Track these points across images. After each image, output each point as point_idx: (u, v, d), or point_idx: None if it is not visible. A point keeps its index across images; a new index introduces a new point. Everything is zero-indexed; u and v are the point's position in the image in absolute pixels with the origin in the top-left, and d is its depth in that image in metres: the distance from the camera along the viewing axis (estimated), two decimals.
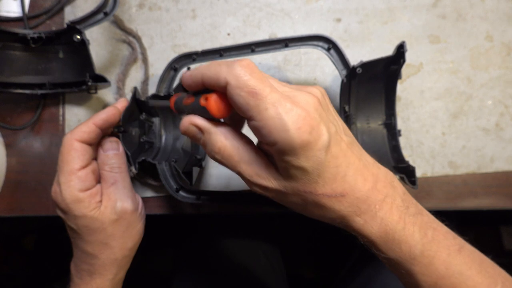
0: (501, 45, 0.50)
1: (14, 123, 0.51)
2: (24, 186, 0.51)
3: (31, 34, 0.45)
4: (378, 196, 0.29)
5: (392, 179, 0.31)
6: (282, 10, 0.51)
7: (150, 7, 0.52)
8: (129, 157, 0.43)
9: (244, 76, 0.26)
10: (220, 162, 0.31)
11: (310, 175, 0.27)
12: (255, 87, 0.26)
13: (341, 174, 0.28)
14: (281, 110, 0.26)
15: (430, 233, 0.30)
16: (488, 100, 0.50)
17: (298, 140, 0.26)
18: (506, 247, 1.11)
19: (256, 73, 0.27)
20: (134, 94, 0.45)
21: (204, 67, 0.29)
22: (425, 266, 0.30)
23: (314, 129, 0.26)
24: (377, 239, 0.29)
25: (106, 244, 0.41)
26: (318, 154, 0.27)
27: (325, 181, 0.28)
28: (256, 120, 0.26)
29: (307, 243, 1.15)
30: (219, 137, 0.30)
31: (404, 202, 0.30)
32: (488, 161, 0.49)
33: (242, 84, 0.26)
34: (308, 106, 0.27)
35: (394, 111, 0.45)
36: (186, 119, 0.31)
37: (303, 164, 0.27)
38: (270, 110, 0.26)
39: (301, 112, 0.26)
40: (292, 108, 0.26)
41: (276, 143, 0.26)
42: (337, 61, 0.44)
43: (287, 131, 0.25)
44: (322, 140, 0.26)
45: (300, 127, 0.26)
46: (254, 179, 0.30)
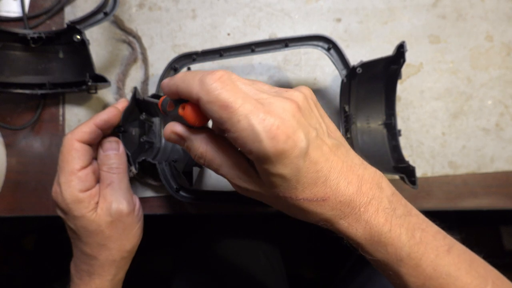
0: (501, 45, 0.50)
1: (14, 123, 0.51)
2: (24, 186, 0.51)
3: (31, 34, 0.45)
4: (362, 199, 0.29)
5: (379, 180, 0.31)
6: (282, 10, 0.51)
7: (150, 7, 0.52)
8: (129, 157, 0.43)
9: (215, 91, 0.26)
10: (205, 166, 0.32)
11: (289, 182, 0.28)
12: (226, 101, 0.26)
13: (322, 178, 0.28)
14: (254, 121, 0.26)
15: (418, 234, 0.30)
16: (488, 100, 0.50)
17: (272, 150, 0.26)
18: (506, 247, 1.11)
19: (228, 85, 0.27)
20: (134, 94, 0.45)
21: (179, 78, 0.29)
22: (412, 268, 0.30)
23: (289, 138, 0.26)
24: (363, 241, 0.30)
25: (104, 246, 0.41)
26: (296, 161, 0.27)
27: (305, 186, 0.28)
28: (231, 132, 0.27)
29: (307, 243, 1.15)
30: (199, 143, 0.31)
31: (391, 203, 0.30)
32: (488, 161, 0.49)
33: (213, 99, 0.26)
34: (285, 114, 0.27)
35: (394, 111, 0.45)
36: (167, 127, 0.32)
37: (280, 171, 0.27)
38: (242, 122, 0.26)
39: (275, 121, 0.26)
40: (265, 118, 0.26)
41: (252, 152, 0.26)
42: (337, 61, 0.44)
43: (260, 141, 0.25)
44: (299, 147, 0.26)
45: (273, 137, 0.25)
46: (235, 181, 0.31)
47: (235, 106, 0.26)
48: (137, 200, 0.44)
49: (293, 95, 0.29)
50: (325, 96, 0.50)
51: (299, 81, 0.50)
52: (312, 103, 0.31)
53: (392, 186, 0.32)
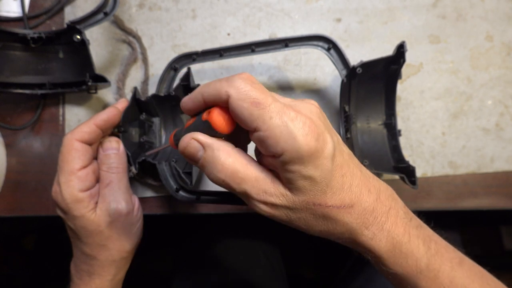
0: (501, 45, 0.50)
1: (14, 123, 0.51)
2: (24, 186, 0.51)
3: (31, 34, 0.45)
4: (383, 208, 0.29)
5: (392, 192, 0.31)
6: (282, 10, 0.51)
7: (150, 7, 0.52)
8: (129, 157, 0.43)
9: (245, 87, 0.26)
10: (222, 183, 0.29)
11: (318, 185, 0.27)
12: (257, 97, 0.26)
13: (347, 184, 0.28)
14: (286, 118, 0.25)
15: (433, 246, 0.30)
16: (488, 100, 0.50)
17: (306, 147, 0.25)
18: (506, 247, 1.11)
19: (256, 84, 0.27)
20: (134, 94, 0.45)
21: (203, 86, 0.29)
22: (431, 280, 0.29)
23: (320, 136, 0.26)
24: (385, 253, 0.29)
25: (104, 246, 0.41)
26: (325, 162, 0.26)
27: (333, 191, 0.28)
28: (262, 130, 0.26)
29: (307, 243, 1.15)
30: (222, 153, 0.28)
31: (406, 214, 0.30)
32: (488, 161, 0.49)
33: (244, 95, 0.26)
34: (312, 115, 0.27)
35: (394, 111, 0.45)
36: (187, 135, 0.29)
37: (311, 173, 0.26)
38: (275, 118, 0.25)
39: (306, 119, 0.26)
40: (296, 116, 0.26)
41: (284, 152, 0.26)
42: (337, 61, 0.44)
43: (294, 138, 0.25)
44: (328, 147, 0.26)
45: (306, 134, 0.25)
46: (261, 197, 0.28)
47: (266, 103, 0.26)
48: (136, 200, 0.44)
49: (311, 101, 0.29)
50: (325, 96, 0.50)
51: (299, 81, 0.50)
52: (324, 114, 0.31)
53: (400, 199, 0.32)
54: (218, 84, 0.27)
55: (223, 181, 0.28)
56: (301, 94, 0.50)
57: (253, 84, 0.27)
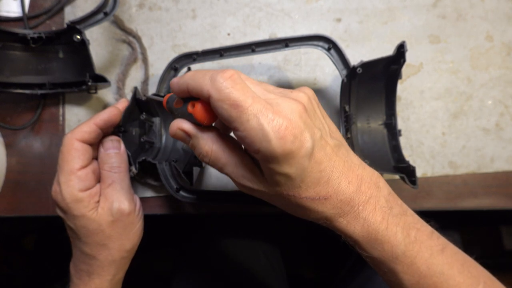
0: (501, 45, 0.50)
1: (14, 123, 0.51)
2: (24, 186, 0.51)
3: (31, 34, 0.45)
4: (361, 198, 0.30)
5: (377, 179, 0.32)
6: (282, 10, 0.51)
7: (150, 7, 0.52)
8: (130, 157, 0.43)
9: (226, 89, 0.27)
10: (208, 164, 0.32)
11: (293, 181, 0.28)
12: (236, 99, 0.27)
13: (325, 178, 0.29)
14: (263, 120, 0.26)
15: (413, 233, 0.31)
16: (488, 100, 0.50)
17: (279, 150, 0.26)
18: (506, 247, 1.11)
19: (238, 84, 0.27)
20: (134, 94, 0.45)
21: (189, 76, 0.30)
22: (407, 266, 0.30)
23: (297, 138, 0.27)
24: (360, 238, 0.30)
25: (104, 246, 0.41)
26: (301, 161, 0.27)
27: (308, 185, 0.29)
28: (239, 131, 0.27)
29: (307, 243, 1.15)
30: (205, 141, 0.31)
31: (388, 202, 0.31)
32: (488, 161, 0.49)
33: (224, 97, 0.27)
34: (292, 114, 0.27)
35: (395, 111, 0.45)
36: (174, 123, 0.32)
37: (286, 171, 0.27)
38: (251, 121, 0.26)
39: (283, 121, 0.26)
40: (273, 118, 0.26)
41: (259, 152, 0.27)
42: (337, 61, 0.44)
43: (269, 141, 0.26)
44: (305, 147, 0.27)
45: (282, 137, 0.26)
46: (240, 180, 0.31)
47: (245, 105, 0.26)
48: (137, 200, 0.44)
49: (298, 96, 0.29)
50: (325, 96, 0.50)
51: (299, 81, 0.50)
52: (315, 104, 0.31)
53: (388, 186, 0.32)
54: (201, 81, 0.28)
55: (208, 164, 0.32)
56: None
57: (234, 84, 0.27)
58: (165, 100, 0.34)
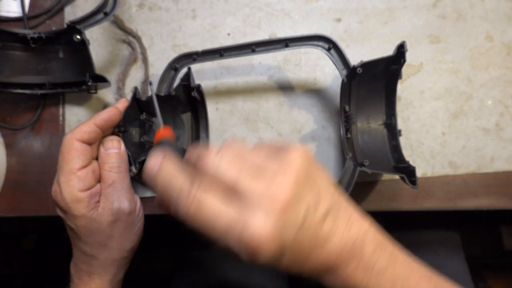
0: (501, 45, 0.50)
1: (14, 123, 0.51)
2: (24, 186, 0.51)
3: (31, 34, 0.45)
4: (343, 259, 0.30)
5: (364, 236, 0.31)
6: (282, 10, 0.51)
7: (150, 7, 0.52)
8: (130, 157, 0.43)
9: (189, 216, 0.27)
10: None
11: (271, 261, 0.27)
12: (202, 224, 0.27)
13: (306, 251, 0.28)
14: (231, 241, 0.26)
15: (400, 284, 0.31)
16: (488, 100, 0.50)
17: (250, 260, 0.26)
18: (506, 247, 1.11)
19: (204, 210, 0.27)
20: (134, 94, 0.45)
21: (161, 182, 0.29)
22: None
23: (268, 250, 0.26)
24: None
25: (105, 245, 0.41)
26: (275, 260, 0.27)
27: (288, 260, 0.28)
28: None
29: None
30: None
31: (373, 257, 0.31)
32: (488, 161, 0.49)
33: (191, 219, 0.28)
34: (266, 223, 0.25)
35: (395, 111, 0.45)
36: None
37: (263, 261, 0.27)
38: (220, 242, 0.27)
39: (252, 241, 0.25)
40: (240, 237, 0.25)
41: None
42: (337, 61, 0.44)
43: (239, 254, 0.26)
44: (280, 252, 0.27)
45: (251, 254, 0.26)
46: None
47: (214, 227, 0.26)
48: (138, 200, 0.44)
49: (283, 182, 0.27)
50: (325, 96, 0.50)
51: (299, 81, 0.50)
52: (308, 172, 0.29)
53: (378, 236, 0.32)
54: (169, 197, 0.29)
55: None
56: (301, 94, 0.50)
57: (199, 212, 0.27)
58: (156, 139, 0.36)
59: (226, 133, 0.50)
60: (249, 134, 0.50)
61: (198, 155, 0.29)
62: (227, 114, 0.51)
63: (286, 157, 0.28)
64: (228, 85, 0.51)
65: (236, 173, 0.27)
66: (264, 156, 0.29)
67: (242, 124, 0.50)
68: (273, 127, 0.50)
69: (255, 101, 0.51)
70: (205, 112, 0.47)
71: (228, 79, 0.51)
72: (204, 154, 0.29)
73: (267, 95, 0.50)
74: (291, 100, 0.50)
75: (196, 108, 0.48)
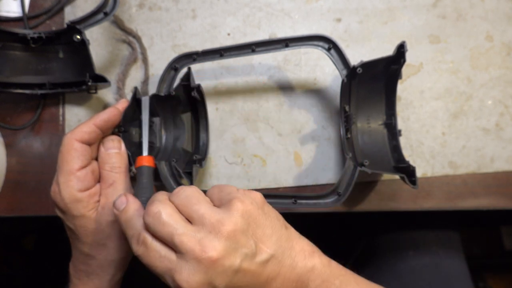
0: (501, 45, 0.50)
1: (14, 123, 0.51)
2: (24, 186, 0.51)
3: (31, 34, 0.45)
4: None
5: (309, 274, 0.35)
6: (282, 10, 0.51)
7: (150, 7, 0.52)
8: (130, 157, 0.43)
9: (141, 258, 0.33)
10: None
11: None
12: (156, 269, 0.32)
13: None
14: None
15: None
16: (488, 100, 0.50)
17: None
18: (506, 247, 1.11)
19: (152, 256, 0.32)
20: (134, 94, 0.45)
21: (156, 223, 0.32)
22: None
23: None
24: None
25: (103, 245, 0.41)
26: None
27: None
28: None
29: None
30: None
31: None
32: (488, 161, 0.49)
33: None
34: (192, 282, 0.30)
35: (395, 111, 0.45)
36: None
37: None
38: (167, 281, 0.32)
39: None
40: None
41: None
42: (338, 61, 0.44)
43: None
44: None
45: None
46: None
47: (156, 268, 0.32)
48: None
49: (222, 229, 0.31)
50: (325, 96, 0.50)
51: (299, 81, 0.50)
52: (247, 224, 0.33)
53: (324, 273, 0.36)
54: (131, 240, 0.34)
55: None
56: (301, 94, 0.50)
57: (148, 254, 0.33)
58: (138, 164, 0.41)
59: (226, 133, 0.50)
60: (249, 134, 0.50)
61: (152, 200, 0.33)
62: (227, 114, 0.51)
63: (229, 208, 0.32)
64: (228, 85, 0.51)
65: (172, 228, 0.31)
66: (208, 205, 0.33)
67: (242, 124, 0.50)
68: (273, 127, 0.50)
69: (255, 101, 0.51)
70: (205, 112, 0.47)
71: (228, 79, 0.51)
72: (151, 202, 0.33)
73: (267, 95, 0.50)
74: (291, 100, 0.50)
75: (196, 108, 0.48)
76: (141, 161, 0.41)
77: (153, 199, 0.34)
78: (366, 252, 0.66)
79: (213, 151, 0.50)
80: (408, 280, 0.58)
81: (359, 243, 0.68)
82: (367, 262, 0.64)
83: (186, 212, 0.32)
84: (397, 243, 0.62)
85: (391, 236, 0.63)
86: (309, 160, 0.49)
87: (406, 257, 0.60)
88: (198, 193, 0.34)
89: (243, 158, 0.50)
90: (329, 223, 1.08)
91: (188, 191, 0.33)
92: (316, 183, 0.49)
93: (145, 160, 0.41)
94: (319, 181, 0.49)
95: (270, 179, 0.50)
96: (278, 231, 0.35)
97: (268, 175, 0.50)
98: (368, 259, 0.64)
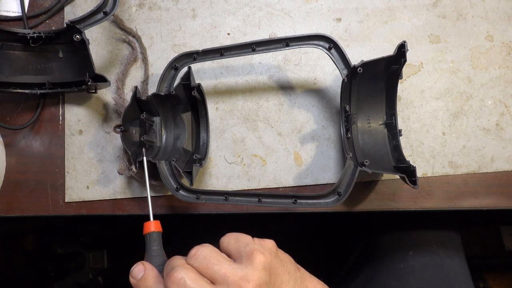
0: (502, 45, 0.50)
1: (14, 123, 0.51)
2: (24, 186, 0.51)
3: (31, 34, 0.45)
4: None
5: None
6: (282, 9, 0.51)
7: (150, 6, 0.52)
8: (129, 156, 0.43)
9: None
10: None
11: None
12: None
13: None
14: None
15: None
16: (489, 100, 0.50)
17: None
18: (506, 247, 1.11)
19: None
20: (134, 93, 0.45)
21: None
22: None
23: None
24: None
25: None
26: None
27: None
28: None
29: (307, 243, 1.15)
30: None
31: None
32: (489, 161, 0.49)
33: None
34: None
35: (395, 110, 0.45)
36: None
37: None
38: None
39: None
40: None
41: None
42: (338, 60, 0.44)
43: None
44: None
45: None
46: None
47: None
48: None
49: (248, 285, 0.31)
50: (325, 96, 0.50)
51: (299, 80, 0.50)
52: (269, 273, 0.34)
53: None
54: None
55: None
56: (301, 94, 0.50)
57: None
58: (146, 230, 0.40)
59: (226, 133, 0.50)
60: (249, 134, 0.50)
61: (171, 266, 0.34)
62: (227, 114, 0.51)
63: (250, 262, 0.33)
64: (228, 85, 0.51)
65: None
66: (228, 263, 0.33)
67: (242, 123, 0.50)
68: (273, 126, 0.50)
69: (255, 100, 0.51)
70: (205, 111, 0.47)
71: (228, 78, 0.51)
72: (171, 268, 0.33)
73: (267, 94, 0.50)
74: (291, 99, 0.50)
75: (196, 108, 0.48)
76: (149, 227, 0.40)
77: (171, 265, 0.34)
78: (366, 252, 0.66)
79: (213, 151, 0.50)
80: (408, 280, 0.58)
81: (359, 243, 0.68)
82: (367, 262, 0.64)
83: (207, 274, 0.32)
84: (397, 243, 0.62)
85: (391, 236, 0.63)
86: (309, 160, 0.49)
87: (406, 257, 0.60)
88: (215, 252, 0.34)
89: (243, 157, 0.50)
90: (329, 223, 1.08)
91: (205, 252, 0.34)
92: (316, 183, 0.49)
93: (153, 226, 0.40)
94: (319, 181, 0.49)
95: (270, 179, 0.49)
96: (294, 275, 0.36)
97: (268, 175, 0.50)
98: (368, 259, 0.64)
